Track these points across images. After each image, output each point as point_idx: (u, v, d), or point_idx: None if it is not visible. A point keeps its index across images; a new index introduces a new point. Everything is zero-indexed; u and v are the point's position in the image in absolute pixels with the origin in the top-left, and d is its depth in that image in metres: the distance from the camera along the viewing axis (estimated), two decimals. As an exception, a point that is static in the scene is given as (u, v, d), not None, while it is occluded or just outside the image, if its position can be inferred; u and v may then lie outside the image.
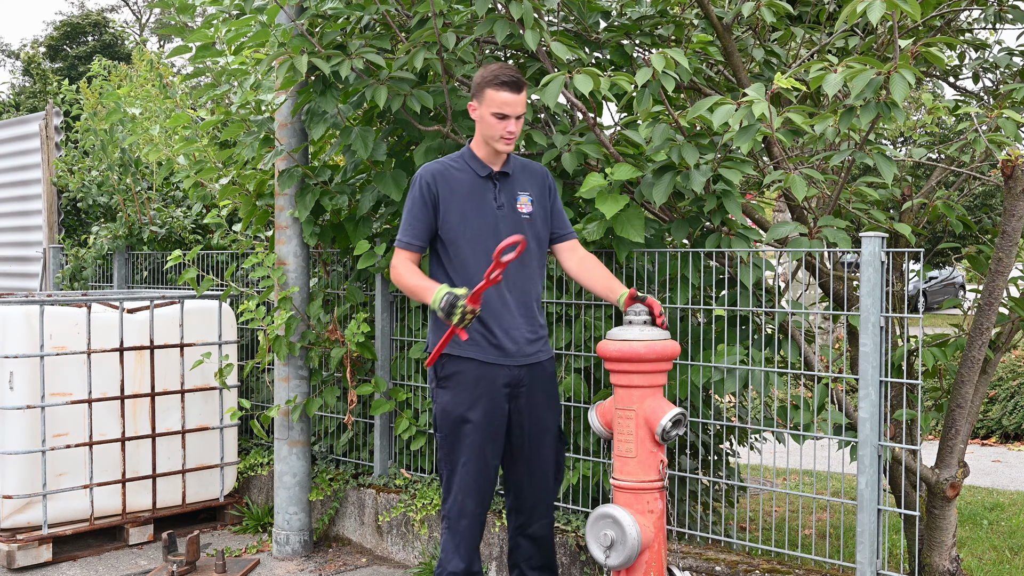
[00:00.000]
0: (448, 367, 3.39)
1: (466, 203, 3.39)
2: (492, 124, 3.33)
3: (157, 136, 5.94)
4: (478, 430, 3.36)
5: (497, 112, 3.31)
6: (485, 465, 3.40)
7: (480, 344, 3.37)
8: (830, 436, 3.53)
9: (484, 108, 3.33)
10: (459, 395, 3.36)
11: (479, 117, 3.37)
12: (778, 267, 3.89)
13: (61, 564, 4.76)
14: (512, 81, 3.29)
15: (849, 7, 3.15)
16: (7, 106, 24.82)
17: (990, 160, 3.94)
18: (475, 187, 3.41)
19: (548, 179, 3.56)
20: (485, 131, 3.37)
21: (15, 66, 36.18)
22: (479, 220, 3.38)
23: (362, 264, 4.63)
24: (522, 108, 3.33)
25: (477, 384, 3.36)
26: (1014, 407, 8.16)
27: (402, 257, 3.40)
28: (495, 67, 3.33)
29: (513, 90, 3.29)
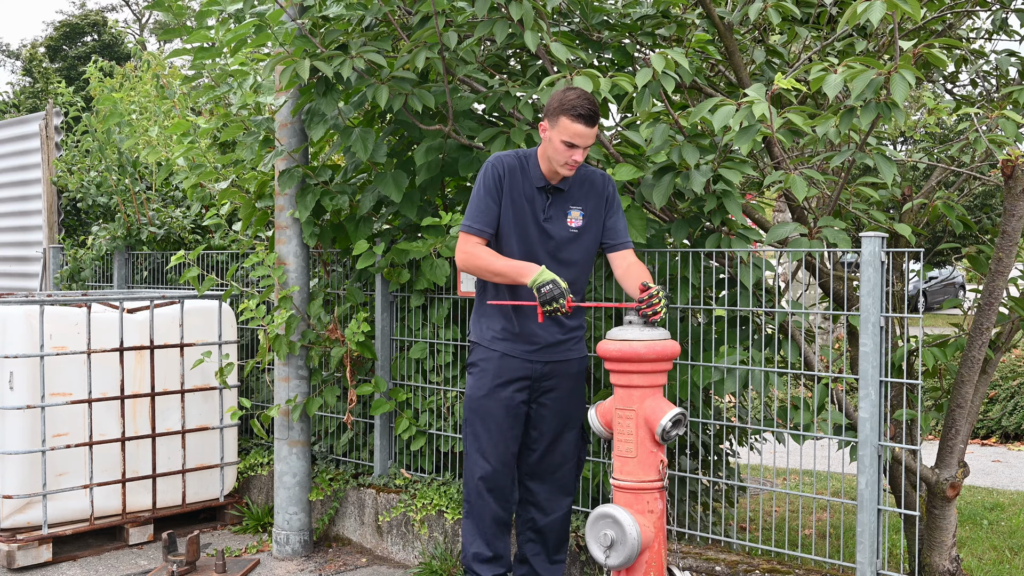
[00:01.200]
0: (475, 353, 3.63)
1: (519, 205, 3.51)
2: (559, 150, 3.38)
3: (156, 137, 5.94)
4: (494, 417, 3.56)
5: (567, 141, 3.35)
6: (504, 451, 3.57)
7: (509, 340, 3.55)
8: (830, 436, 3.53)
9: (555, 133, 3.37)
10: (481, 381, 3.58)
11: (547, 138, 3.42)
12: (778, 267, 3.90)
13: (61, 564, 4.76)
14: (589, 115, 3.33)
15: (850, 8, 3.15)
16: (8, 106, 24.82)
17: (990, 160, 3.94)
18: (529, 192, 3.51)
19: (608, 190, 3.58)
20: (551, 153, 3.43)
21: (15, 66, 36.19)
22: (524, 227, 3.51)
23: (362, 264, 4.63)
24: (592, 140, 3.40)
25: (499, 374, 3.55)
26: (1014, 407, 8.17)
27: (474, 243, 3.50)
28: (575, 95, 3.33)
29: (588, 124, 3.34)
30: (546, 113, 3.40)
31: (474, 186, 3.56)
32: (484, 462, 3.60)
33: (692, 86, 4.19)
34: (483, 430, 3.60)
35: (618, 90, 3.63)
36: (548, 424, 3.61)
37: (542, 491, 3.66)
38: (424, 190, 4.58)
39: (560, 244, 3.51)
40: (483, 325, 3.61)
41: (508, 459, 3.61)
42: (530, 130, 4.07)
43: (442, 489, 4.56)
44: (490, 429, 3.58)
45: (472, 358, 3.65)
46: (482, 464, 3.60)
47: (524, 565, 3.70)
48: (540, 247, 3.49)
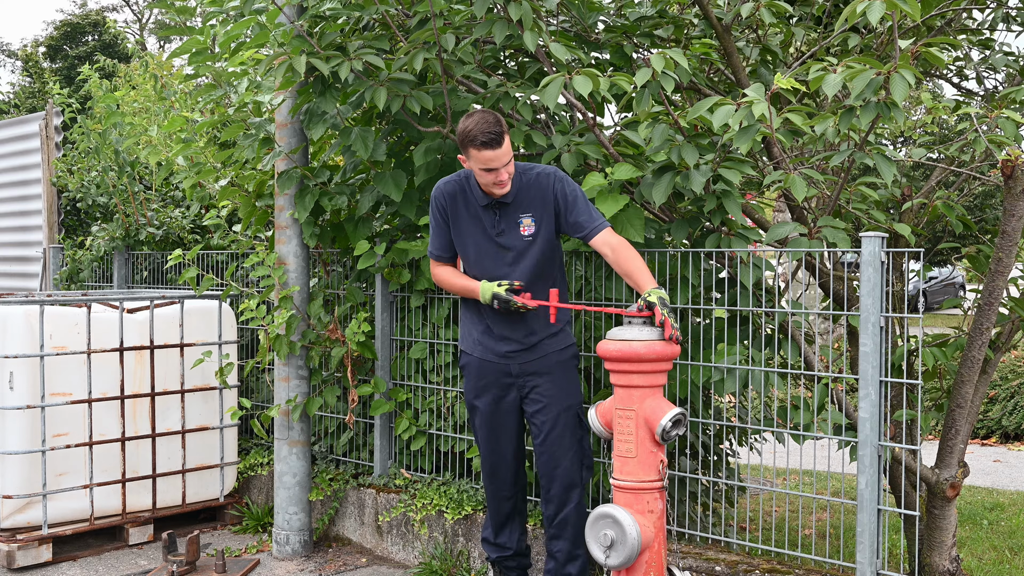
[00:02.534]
0: (462, 358, 3.83)
1: (470, 226, 3.67)
2: (483, 176, 3.52)
3: (155, 138, 5.93)
4: (484, 416, 3.75)
5: (484, 167, 3.48)
6: (497, 447, 3.76)
7: (483, 344, 3.72)
8: (830, 436, 3.53)
9: (472, 163, 3.50)
10: (468, 383, 3.80)
11: (470, 167, 3.55)
12: (778, 267, 3.89)
13: (61, 564, 4.76)
14: (491, 140, 3.42)
15: (849, 7, 3.15)
16: (8, 106, 24.83)
17: (990, 160, 3.94)
18: (477, 212, 3.66)
19: (555, 187, 3.61)
20: (480, 179, 3.56)
21: (15, 66, 36.19)
22: (480, 244, 3.66)
23: (362, 264, 4.62)
24: (507, 156, 3.49)
25: (480, 375, 3.74)
26: (1014, 407, 8.16)
27: (436, 266, 3.80)
28: (473, 124, 3.43)
29: (493, 147, 3.44)
30: (460, 146, 3.52)
31: None
32: (484, 459, 3.83)
33: (691, 86, 4.19)
34: (479, 428, 3.80)
35: (617, 89, 3.63)
36: (544, 414, 3.67)
37: (552, 485, 3.69)
38: (423, 190, 4.58)
39: (519, 253, 3.62)
40: (464, 330, 3.81)
41: (505, 455, 3.77)
42: (529, 130, 4.07)
43: (442, 489, 4.56)
44: (483, 427, 3.78)
45: (460, 361, 3.85)
46: (483, 460, 3.84)
47: (552, 560, 3.76)
48: (499, 260, 3.63)
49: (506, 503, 3.84)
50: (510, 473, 3.80)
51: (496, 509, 3.87)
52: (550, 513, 3.70)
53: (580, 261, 4.24)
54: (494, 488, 3.83)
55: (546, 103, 3.64)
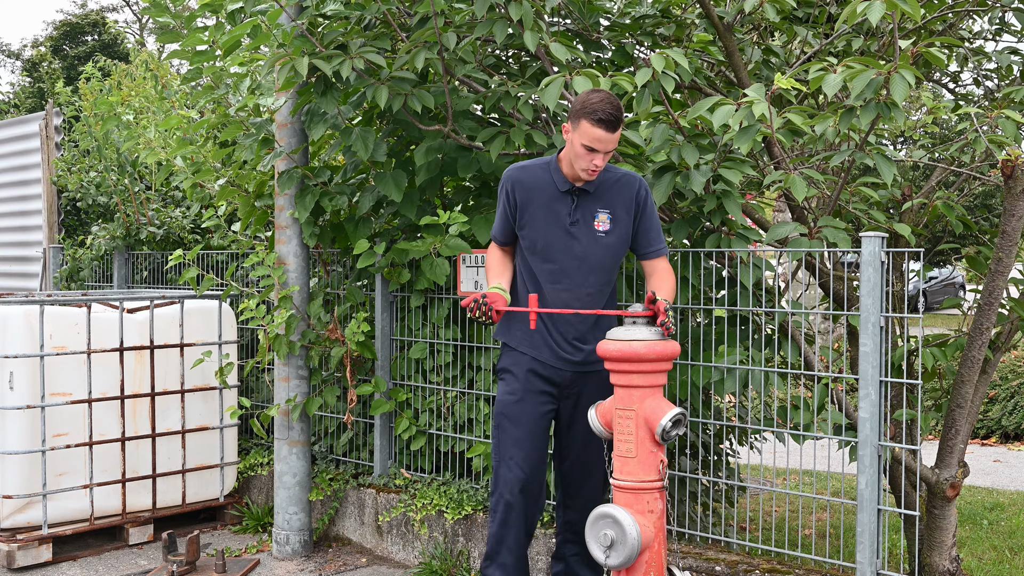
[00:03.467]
0: (504, 359, 3.57)
1: (542, 213, 3.46)
2: (580, 154, 3.32)
3: (154, 138, 5.94)
4: (526, 424, 3.49)
5: (588, 145, 3.28)
6: (536, 458, 3.49)
7: (535, 343, 3.49)
8: (830, 436, 3.53)
9: (577, 136, 3.30)
10: (511, 387, 3.52)
11: (570, 140, 3.35)
12: (778, 267, 3.89)
13: (61, 564, 4.76)
14: (611, 120, 3.25)
15: (849, 7, 3.15)
16: (9, 106, 24.83)
17: (990, 160, 3.94)
18: (553, 199, 3.45)
19: (640, 194, 3.49)
20: (572, 157, 3.37)
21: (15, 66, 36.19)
22: (551, 232, 3.45)
23: (361, 264, 4.63)
24: (614, 145, 3.32)
25: (527, 380, 3.49)
26: (1014, 407, 8.16)
27: (493, 247, 3.64)
28: (598, 98, 3.26)
29: (609, 129, 3.26)
30: (570, 115, 3.34)
31: None
32: (519, 470, 3.49)
33: (692, 86, 4.19)
34: (517, 435, 3.49)
35: (618, 90, 3.63)
36: (577, 432, 3.54)
37: (578, 498, 3.61)
38: (424, 190, 4.58)
39: (587, 249, 3.44)
40: (512, 327, 3.55)
41: (540, 465, 3.53)
42: (530, 130, 4.07)
43: (442, 489, 4.56)
44: (523, 435, 3.49)
45: (502, 363, 3.58)
46: (516, 472, 3.49)
47: (561, 562, 3.70)
48: (567, 253, 3.44)
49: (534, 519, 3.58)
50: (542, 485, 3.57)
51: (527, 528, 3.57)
52: (571, 519, 3.62)
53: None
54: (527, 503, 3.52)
55: (546, 103, 3.64)
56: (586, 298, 3.46)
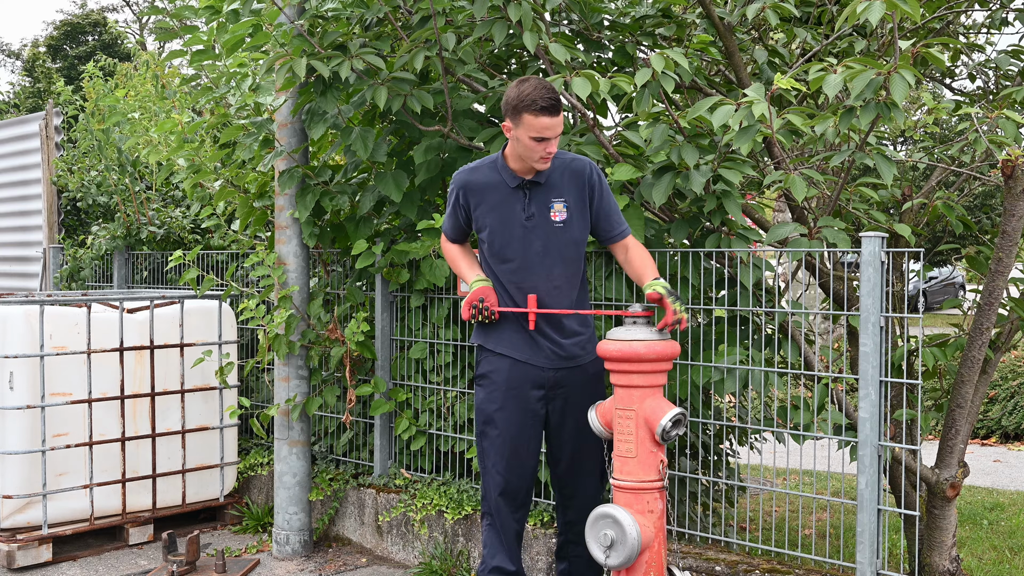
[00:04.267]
0: (484, 365, 3.47)
1: (496, 213, 3.41)
2: (531, 147, 3.26)
3: (156, 137, 5.94)
4: (508, 431, 3.42)
5: (536, 136, 3.24)
6: (520, 464, 3.45)
7: (515, 343, 3.42)
8: (830, 436, 3.53)
9: (522, 131, 3.25)
10: (491, 394, 3.44)
11: (514, 138, 3.29)
12: (778, 267, 3.89)
13: (61, 564, 4.76)
14: (551, 106, 3.19)
15: (849, 8, 3.15)
16: (8, 106, 24.83)
17: (990, 160, 3.94)
18: (505, 197, 3.39)
19: (592, 177, 3.41)
20: (522, 151, 3.31)
21: (15, 66, 36.19)
22: (508, 231, 3.39)
23: (361, 264, 4.62)
24: (561, 128, 3.27)
25: (508, 384, 3.42)
26: (1014, 407, 8.16)
27: (444, 240, 3.64)
28: (530, 88, 3.21)
29: (552, 114, 3.21)
30: (506, 113, 3.28)
31: None
32: (500, 477, 3.44)
33: (692, 86, 4.20)
34: (499, 443, 3.43)
35: (617, 90, 3.63)
36: (568, 433, 3.49)
37: (576, 498, 3.58)
38: (424, 190, 4.58)
39: (548, 242, 3.37)
40: (489, 331, 3.47)
41: (525, 472, 3.48)
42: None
43: (442, 489, 4.56)
44: (504, 442, 3.43)
45: (482, 368, 3.48)
46: (498, 480, 3.45)
47: (564, 561, 3.67)
48: (527, 249, 3.37)
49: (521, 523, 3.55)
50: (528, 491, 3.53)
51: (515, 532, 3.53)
52: (571, 519, 3.58)
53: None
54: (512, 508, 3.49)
55: (546, 103, 3.63)
56: (554, 292, 3.39)
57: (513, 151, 3.37)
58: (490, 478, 3.48)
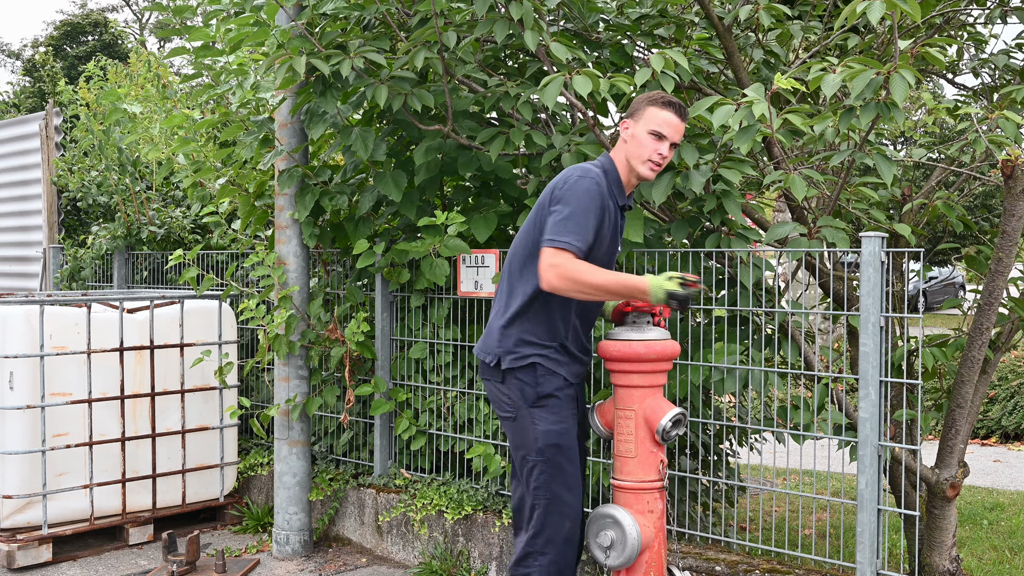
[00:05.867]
0: (549, 382, 3.19)
1: (605, 237, 3.21)
2: (645, 143, 3.15)
3: (156, 136, 5.94)
4: (575, 451, 3.24)
5: (656, 131, 3.14)
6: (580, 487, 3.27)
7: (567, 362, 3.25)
8: (830, 436, 3.53)
9: (641, 125, 3.16)
10: (559, 414, 3.20)
11: (631, 135, 3.18)
12: (778, 267, 3.89)
13: (61, 564, 4.76)
14: (679, 105, 3.17)
15: (849, 7, 3.15)
16: (8, 106, 24.82)
17: (990, 160, 3.94)
18: (613, 219, 3.22)
19: None
20: (635, 150, 3.17)
21: (15, 66, 36.19)
22: (601, 258, 3.21)
23: (361, 264, 4.62)
24: (679, 137, 3.18)
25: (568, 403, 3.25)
26: (1014, 407, 8.16)
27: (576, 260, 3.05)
28: (661, 92, 3.24)
29: (679, 114, 3.15)
30: (628, 113, 3.22)
31: (571, 198, 3.09)
32: (575, 502, 3.22)
33: (691, 86, 4.19)
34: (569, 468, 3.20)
35: (617, 90, 3.63)
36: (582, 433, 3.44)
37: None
38: (423, 190, 4.58)
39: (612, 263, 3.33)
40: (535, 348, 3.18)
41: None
42: (529, 130, 4.07)
43: (442, 489, 4.56)
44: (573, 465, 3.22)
45: (547, 387, 3.17)
46: (574, 505, 3.22)
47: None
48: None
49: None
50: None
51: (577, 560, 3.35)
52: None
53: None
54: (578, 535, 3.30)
55: (546, 103, 3.64)
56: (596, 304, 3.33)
57: (623, 157, 3.21)
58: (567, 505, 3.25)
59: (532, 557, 3.22)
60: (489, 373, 3.27)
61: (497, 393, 3.26)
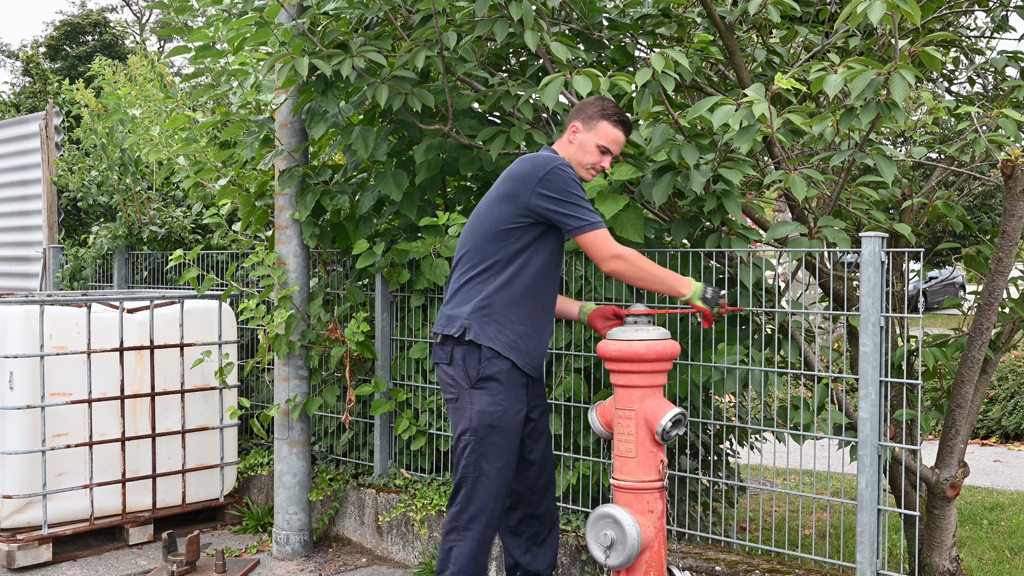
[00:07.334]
0: (492, 364, 3.27)
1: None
2: (591, 153, 3.37)
3: (157, 136, 5.94)
4: (513, 435, 3.33)
5: (604, 146, 3.37)
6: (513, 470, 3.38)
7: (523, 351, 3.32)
8: (830, 436, 3.53)
9: (592, 136, 3.36)
10: (498, 397, 3.29)
11: (579, 141, 3.38)
12: (778, 267, 3.89)
13: (61, 564, 4.76)
14: (630, 124, 3.38)
15: (849, 7, 3.15)
16: (8, 106, 24.81)
17: (990, 160, 3.94)
18: None
19: None
20: (579, 156, 3.39)
21: (15, 66, 36.18)
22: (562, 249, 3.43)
23: (361, 264, 4.63)
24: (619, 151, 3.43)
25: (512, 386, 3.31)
26: (1014, 407, 8.17)
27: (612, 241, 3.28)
28: (612, 104, 3.39)
29: (628, 132, 3.39)
30: (583, 118, 3.38)
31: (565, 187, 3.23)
32: (505, 488, 3.34)
33: (692, 85, 4.19)
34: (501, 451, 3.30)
35: (618, 90, 3.63)
36: (540, 430, 3.51)
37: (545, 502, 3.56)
38: (424, 189, 4.58)
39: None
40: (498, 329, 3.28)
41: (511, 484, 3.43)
42: (530, 129, 4.07)
43: (442, 489, 4.56)
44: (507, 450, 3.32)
45: (489, 370, 3.27)
46: (503, 490, 3.34)
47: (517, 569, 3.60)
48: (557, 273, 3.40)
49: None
50: None
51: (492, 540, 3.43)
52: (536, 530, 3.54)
53: (580, 261, 4.24)
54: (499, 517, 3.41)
55: (546, 103, 3.64)
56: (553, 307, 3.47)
57: (566, 156, 3.41)
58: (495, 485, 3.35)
59: (456, 532, 3.33)
60: (439, 355, 3.38)
61: (444, 376, 3.37)
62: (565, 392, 4.14)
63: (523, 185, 3.26)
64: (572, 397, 4.14)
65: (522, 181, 3.27)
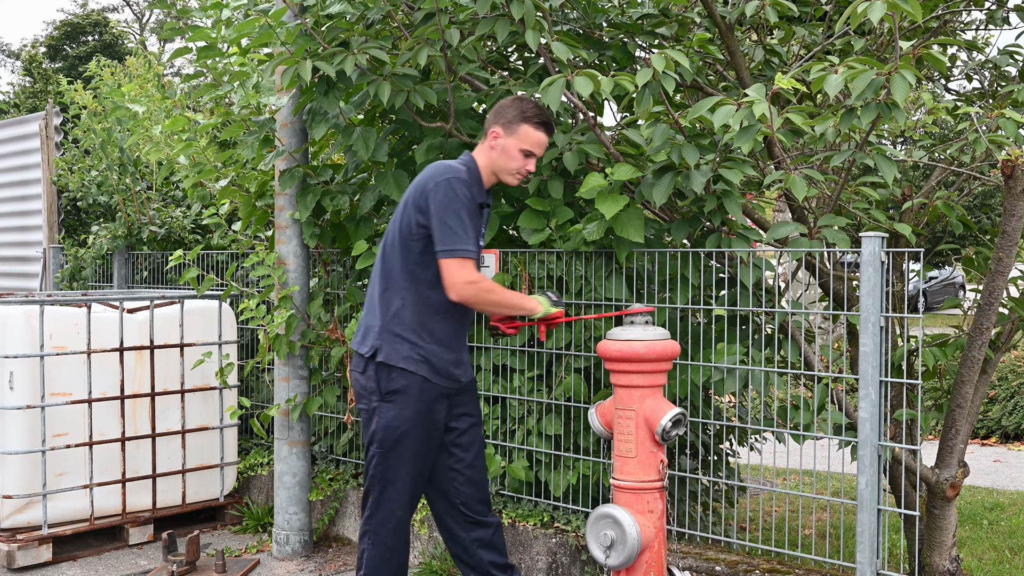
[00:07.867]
0: (396, 379, 3.28)
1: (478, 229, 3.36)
2: (515, 158, 3.31)
3: (158, 136, 5.94)
4: (420, 444, 3.35)
5: (527, 150, 3.31)
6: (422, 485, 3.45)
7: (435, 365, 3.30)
8: (830, 436, 3.53)
9: (514, 140, 3.29)
10: (404, 411, 3.30)
11: (501, 147, 3.31)
12: (778, 267, 3.90)
13: (61, 564, 4.76)
14: (550, 124, 3.32)
15: (850, 8, 3.15)
16: (8, 106, 24.81)
17: (990, 160, 3.94)
18: (473, 215, 3.27)
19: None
20: (503, 162, 3.32)
21: (15, 66, 36.19)
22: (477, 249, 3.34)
23: (361, 264, 4.62)
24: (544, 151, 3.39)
25: (420, 399, 3.30)
26: (1014, 407, 8.17)
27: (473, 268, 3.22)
28: (532, 105, 3.32)
29: (550, 132, 3.33)
30: (502, 123, 3.29)
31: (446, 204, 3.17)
32: (409, 498, 3.39)
33: (693, 85, 4.20)
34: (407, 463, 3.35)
35: (619, 90, 3.63)
36: (471, 437, 3.48)
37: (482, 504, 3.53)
38: (424, 190, 4.57)
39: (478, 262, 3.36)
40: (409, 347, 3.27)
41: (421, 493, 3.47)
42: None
43: (442, 489, 4.55)
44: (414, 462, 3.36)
45: (399, 383, 3.26)
46: (408, 500, 3.39)
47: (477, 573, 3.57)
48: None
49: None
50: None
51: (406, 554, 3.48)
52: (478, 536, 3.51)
53: (580, 261, 4.24)
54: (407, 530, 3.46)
55: (547, 103, 3.64)
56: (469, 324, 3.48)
57: (488, 162, 3.35)
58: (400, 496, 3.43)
59: (367, 536, 3.42)
60: (356, 363, 3.39)
61: (357, 384, 3.39)
62: (565, 392, 4.14)
63: (415, 194, 3.27)
64: (572, 397, 4.14)
65: (417, 190, 3.27)
